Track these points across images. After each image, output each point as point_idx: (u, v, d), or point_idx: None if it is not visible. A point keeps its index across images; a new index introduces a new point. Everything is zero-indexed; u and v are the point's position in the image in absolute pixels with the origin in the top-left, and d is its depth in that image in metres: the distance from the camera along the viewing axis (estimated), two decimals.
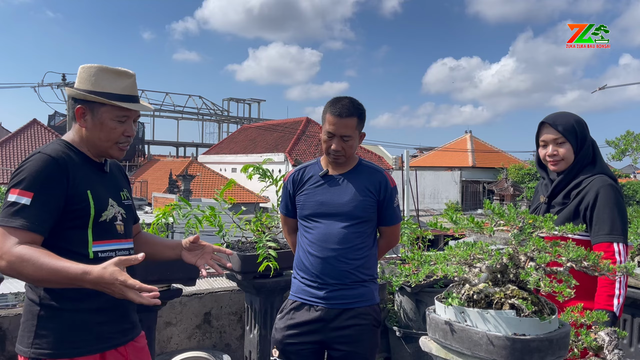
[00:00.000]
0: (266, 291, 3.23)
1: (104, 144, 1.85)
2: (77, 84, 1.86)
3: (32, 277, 1.60)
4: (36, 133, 30.45)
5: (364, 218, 2.37)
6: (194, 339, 3.77)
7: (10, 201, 1.66)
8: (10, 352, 3.14)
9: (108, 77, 1.84)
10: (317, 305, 2.35)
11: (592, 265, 1.60)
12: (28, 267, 1.57)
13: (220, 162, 37.29)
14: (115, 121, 1.84)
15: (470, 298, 1.66)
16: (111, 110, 1.83)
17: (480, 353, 1.55)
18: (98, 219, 1.79)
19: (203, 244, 2.08)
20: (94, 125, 1.83)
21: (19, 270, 1.59)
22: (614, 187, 2.30)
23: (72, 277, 1.56)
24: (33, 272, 1.58)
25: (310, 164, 2.51)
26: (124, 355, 1.86)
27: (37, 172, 1.68)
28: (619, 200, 2.27)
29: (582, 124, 2.42)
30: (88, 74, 1.84)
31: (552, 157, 2.40)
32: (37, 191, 1.66)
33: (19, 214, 1.64)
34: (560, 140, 2.37)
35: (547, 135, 2.41)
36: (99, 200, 1.80)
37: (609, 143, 5.68)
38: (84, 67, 1.86)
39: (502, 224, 1.73)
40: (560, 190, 2.39)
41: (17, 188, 1.67)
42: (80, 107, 1.82)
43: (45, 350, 1.71)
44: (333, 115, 2.33)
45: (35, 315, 1.73)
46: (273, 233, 3.31)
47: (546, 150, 2.42)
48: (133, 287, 1.52)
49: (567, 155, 2.37)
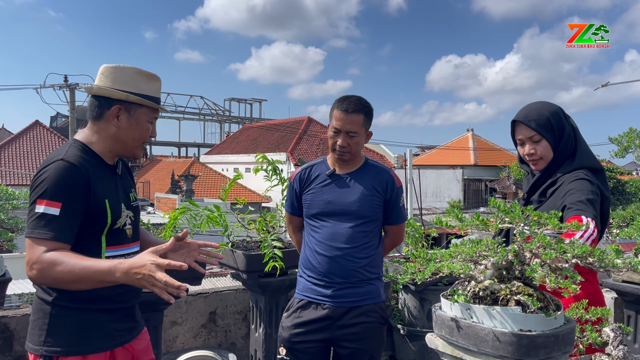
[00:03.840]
0: (271, 290, 3.24)
1: (134, 143, 1.89)
2: (110, 83, 1.85)
3: (65, 279, 1.62)
4: (38, 135, 30.47)
5: (370, 217, 2.38)
6: (199, 338, 3.78)
7: (38, 212, 1.66)
8: (17, 352, 3.16)
9: (144, 79, 1.88)
10: (324, 304, 2.36)
11: (598, 261, 1.61)
12: (59, 270, 1.60)
13: (222, 162, 37.32)
14: (148, 122, 1.90)
15: (475, 295, 1.67)
16: (147, 111, 1.89)
17: (486, 349, 1.56)
18: (113, 227, 1.82)
19: (188, 242, 2.08)
20: (129, 125, 1.86)
21: (52, 275, 1.61)
22: (585, 179, 2.12)
23: (104, 272, 1.59)
24: (65, 275, 1.60)
25: (317, 163, 2.52)
26: (131, 351, 1.90)
27: (62, 181, 1.69)
28: (591, 188, 2.08)
29: (558, 114, 2.25)
30: (125, 75, 1.85)
31: (530, 157, 2.27)
32: (64, 201, 1.68)
33: (49, 226, 1.65)
34: (536, 138, 2.23)
35: (521, 132, 2.26)
36: (115, 209, 1.83)
37: (611, 140, 5.69)
38: (116, 68, 1.87)
39: (507, 221, 1.74)
40: (537, 187, 2.29)
41: (44, 199, 1.67)
42: (117, 107, 1.84)
43: (57, 348, 1.73)
44: (340, 110, 2.35)
45: (47, 314, 1.75)
46: (277, 232, 3.32)
47: (523, 149, 2.28)
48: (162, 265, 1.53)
49: (544, 152, 2.23)
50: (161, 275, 1.52)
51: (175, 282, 1.53)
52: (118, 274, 1.58)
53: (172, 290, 1.53)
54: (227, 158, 37.67)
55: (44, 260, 1.61)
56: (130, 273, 1.56)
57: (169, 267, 1.55)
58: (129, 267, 1.57)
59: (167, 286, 1.52)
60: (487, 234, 2.23)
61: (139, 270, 1.55)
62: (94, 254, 1.77)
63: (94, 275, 1.60)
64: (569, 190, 2.09)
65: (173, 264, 1.55)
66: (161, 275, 1.52)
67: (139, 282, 1.57)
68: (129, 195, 1.96)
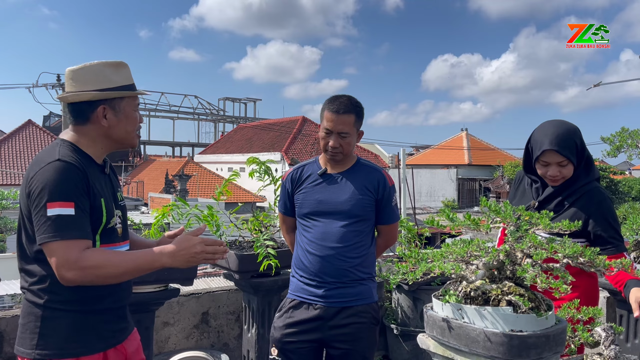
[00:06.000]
0: (264, 290, 3.23)
1: (129, 135, 1.89)
2: (83, 86, 1.79)
3: (112, 275, 1.70)
4: (31, 134, 30.33)
5: (362, 217, 2.37)
6: (191, 338, 3.77)
7: (55, 214, 1.63)
8: (7, 353, 3.13)
9: (113, 70, 1.84)
10: (315, 304, 2.35)
11: (589, 261, 1.61)
12: (107, 269, 1.68)
13: (216, 162, 37.26)
14: (135, 110, 1.90)
15: (467, 295, 1.67)
16: (130, 101, 1.87)
17: (477, 350, 1.56)
18: (107, 226, 1.81)
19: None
20: (119, 121, 1.84)
21: (96, 274, 1.67)
22: (609, 199, 2.35)
23: (150, 261, 1.74)
24: (113, 272, 1.69)
25: (309, 163, 2.52)
26: (123, 352, 1.88)
27: (67, 181, 1.67)
28: (614, 212, 2.35)
29: (581, 137, 2.37)
30: (94, 73, 1.80)
31: (553, 177, 2.35)
32: (76, 199, 1.67)
33: (71, 225, 1.64)
34: (565, 163, 2.32)
35: (551, 158, 2.33)
36: (109, 208, 1.82)
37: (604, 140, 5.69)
38: (82, 68, 1.81)
39: (498, 221, 1.74)
40: (553, 198, 2.38)
41: (56, 200, 1.64)
42: (102, 107, 1.80)
43: (50, 351, 1.71)
44: (331, 111, 2.34)
45: (38, 317, 1.73)
46: (270, 232, 3.31)
47: (546, 169, 2.36)
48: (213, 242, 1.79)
49: (568, 174, 2.34)
50: (212, 248, 1.78)
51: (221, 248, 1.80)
52: (165, 258, 1.74)
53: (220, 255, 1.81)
54: (222, 158, 37.61)
55: (87, 264, 1.64)
56: (177, 255, 1.74)
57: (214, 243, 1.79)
58: (177, 250, 1.74)
59: (217, 253, 1.79)
60: (480, 234, 2.23)
61: (189, 251, 1.75)
62: None
63: (143, 266, 1.73)
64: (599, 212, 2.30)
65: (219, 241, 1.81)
66: (211, 248, 1.78)
67: (189, 261, 1.76)
68: (117, 195, 1.94)
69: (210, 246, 1.77)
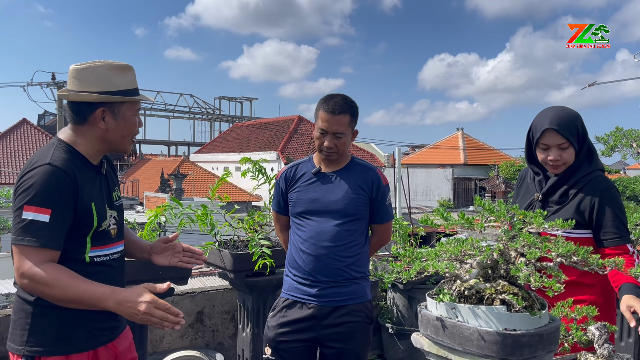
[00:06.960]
0: (258, 289, 3.22)
1: (124, 140, 1.86)
2: (86, 86, 1.77)
3: (57, 298, 1.64)
4: (26, 133, 30.21)
5: (356, 216, 2.37)
6: (186, 338, 3.76)
7: (27, 219, 1.63)
8: (1, 352, 3.12)
9: (118, 73, 1.81)
10: (309, 303, 2.35)
11: (582, 260, 1.61)
12: (54, 289, 1.62)
13: (212, 161, 37.19)
14: (134, 116, 1.87)
15: (461, 294, 1.67)
16: (131, 106, 1.85)
17: (471, 348, 1.56)
18: (98, 229, 1.80)
19: (173, 244, 2.10)
20: (117, 125, 1.82)
21: (42, 291, 1.63)
22: (615, 187, 2.30)
23: (97, 298, 1.63)
24: (58, 294, 1.63)
25: (303, 162, 2.51)
26: (114, 351, 1.88)
27: (51, 187, 1.65)
28: (621, 201, 2.29)
29: (582, 122, 2.34)
30: (99, 74, 1.78)
31: (554, 162, 2.30)
32: (54, 207, 1.65)
33: (40, 232, 1.63)
34: (565, 145, 2.27)
35: (551, 139, 2.29)
36: (100, 212, 1.80)
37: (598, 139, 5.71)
38: (87, 68, 1.78)
39: (492, 220, 1.74)
40: (557, 188, 2.34)
41: (33, 205, 1.63)
42: (101, 109, 1.78)
43: (40, 348, 1.71)
44: (326, 112, 2.33)
45: (29, 314, 1.73)
46: (265, 231, 3.30)
47: (547, 153, 2.31)
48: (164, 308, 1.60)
49: (569, 159, 2.30)
50: (160, 313, 1.61)
51: (171, 316, 1.61)
52: (110, 302, 1.63)
53: (169, 324, 1.62)
54: (217, 157, 37.53)
55: (37, 278, 1.61)
56: (124, 305, 1.62)
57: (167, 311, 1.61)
58: (124, 299, 1.62)
59: (164, 320, 1.61)
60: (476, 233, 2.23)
61: (134, 306, 1.61)
62: (79, 254, 1.76)
63: (86, 300, 1.64)
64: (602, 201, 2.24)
65: (172, 310, 1.62)
66: (159, 313, 1.61)
67: (132, 316, 1.62)
68: (113, 194, 1.93)
69: (159, 311, 1.61)
